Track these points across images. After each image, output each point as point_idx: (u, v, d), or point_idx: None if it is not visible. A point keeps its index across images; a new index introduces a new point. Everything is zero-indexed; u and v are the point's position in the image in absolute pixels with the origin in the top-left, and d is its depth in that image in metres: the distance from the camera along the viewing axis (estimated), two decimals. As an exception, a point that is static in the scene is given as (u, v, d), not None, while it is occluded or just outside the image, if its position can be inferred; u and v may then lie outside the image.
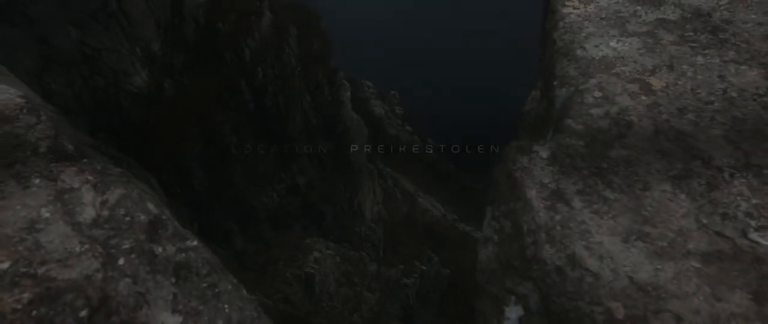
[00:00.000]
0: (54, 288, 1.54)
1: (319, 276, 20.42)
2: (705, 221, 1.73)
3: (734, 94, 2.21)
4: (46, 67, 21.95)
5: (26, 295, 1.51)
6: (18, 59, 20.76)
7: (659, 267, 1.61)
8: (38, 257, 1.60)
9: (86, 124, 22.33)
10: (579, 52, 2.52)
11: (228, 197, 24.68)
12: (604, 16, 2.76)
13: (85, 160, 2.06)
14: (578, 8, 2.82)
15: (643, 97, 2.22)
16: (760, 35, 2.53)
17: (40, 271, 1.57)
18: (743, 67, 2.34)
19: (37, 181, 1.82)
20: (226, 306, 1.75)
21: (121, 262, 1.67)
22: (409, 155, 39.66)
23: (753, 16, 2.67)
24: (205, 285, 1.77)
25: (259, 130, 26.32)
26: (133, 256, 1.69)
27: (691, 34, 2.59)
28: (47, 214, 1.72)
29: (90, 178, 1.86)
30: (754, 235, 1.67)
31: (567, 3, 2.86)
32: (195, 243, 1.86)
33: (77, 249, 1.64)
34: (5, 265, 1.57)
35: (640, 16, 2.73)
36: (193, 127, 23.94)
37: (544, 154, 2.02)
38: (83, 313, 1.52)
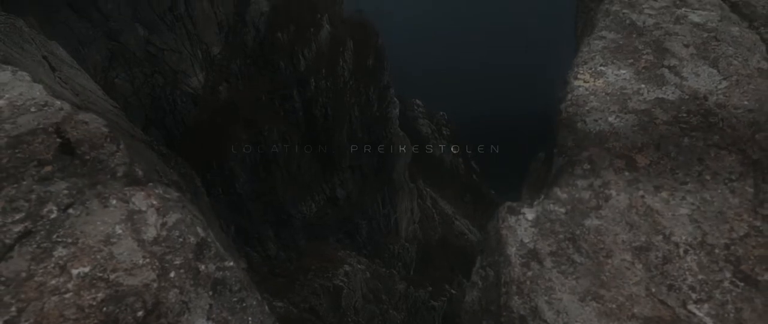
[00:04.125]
0: (120, 291, 1.99)
1: (347, 289, 20.82)
2: (653, 290, 2.04)
3: (708, 177, 2.50)
4: (113, 62, 23.25)
5: (100, 295, 1.96)
6: (88, 54, 22.10)
7: (605, 325, 1.94)
8: (111, 265, 2.05)
9: (141, 119, 23.52)
10: (579, 124, 2.85)
11: (267, 203, 25.42)
12: (609, 91, 3.07)
13: (151, 184, 2.52)
14: (588, 82, 3.15)
15: (626, 173, 2.53)
16: (747, 122, 2.81)
17: (112, 276, 2.01)
18: (723, 152, 2.63)
19: (114, 202, 2.28)
20: (250, 318, 2.17)
21: (172, 275, 2.10)
22: (451, 177, 39.82)
23: (745, 103, 2.94)
24: (235, 299, 2.19)
25: (306, 139, 27.03)
26: (182, 271, 2.13)
27: (684, 115, 2.88)
28: (120, 231, 2.17)
29: (154, 202, 2.31)
30: (692, 307, 1.98)
31: (579, 76, 3.19)
32: (231, 264, 2.29)
33: (140, 261, 2.08)
34: (87, 269, 2.02)
35: (641, 94, 3.04)
36: (242, 132, 24.87)
37: (530, 216, 2.37)
38: (140, 314, 1.96)
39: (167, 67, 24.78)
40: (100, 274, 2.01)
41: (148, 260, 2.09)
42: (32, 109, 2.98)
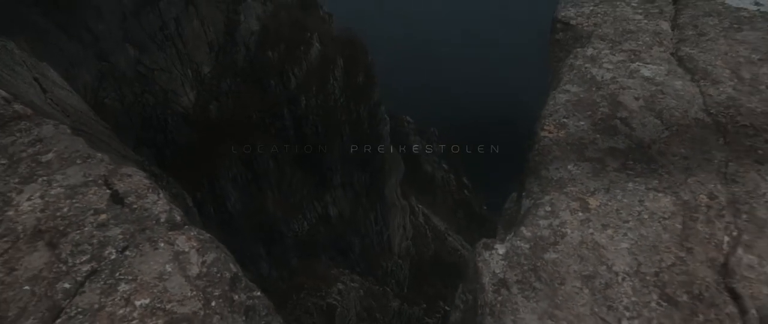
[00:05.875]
0: (175, 318, 2.50)
1: (340, 308, 21.20)
2: (596, 310, 2.59)
3: (646, 217, 3.06)
4: (103, 82, 23.60)
5: (160, 322, 2.47)
6: (78, 74, 22.46)
7: (557, 340, 2.47)
8: (166, 297, 2.56)
9: (132, 139, 23.83)
10: (543, 172, 3.40)
11: (259, 221, 25.74)
12: (570, 141, 3.63)
13: (186, 226, 3.04)
14: (552, 132, 3.70)
15: (580, 214, 3.09)
16: (681, 168, 3.37)
17: (168, 306, 2.53)
18: (660, 195, 3.19)
19: (162, 244, 2.80)
20: (276, 338, 2.68)
21: (213, 304, 2.62)
22: (443, 193, 40.36)
23: (682, 151, 3.51)
24: (263, 322, 2.71)
25: (297, 157, 27.44)
26: (221, 300, 2.65)
27: (631, 162, 3.44)
28: (169, 269, 2.69)
29: (194, 244, 2.84)
30: (625, 323, 2.52)
31: (545, 127, 3.75)
32: (259, 293, 2.81)
33: (189, 294, 2.60)
34: (147, 301, 2.54)
35: (596, 144, 3.60)
36: (233, 150, 25.22)
37: (501, 250, 2.91)
38: (192, 336, 2.47)
39: (158, 86, 25.11)
40: (158, 305, 2.53)
41: (194, 292, 2.61)
42: (78, 161, 3.50)
